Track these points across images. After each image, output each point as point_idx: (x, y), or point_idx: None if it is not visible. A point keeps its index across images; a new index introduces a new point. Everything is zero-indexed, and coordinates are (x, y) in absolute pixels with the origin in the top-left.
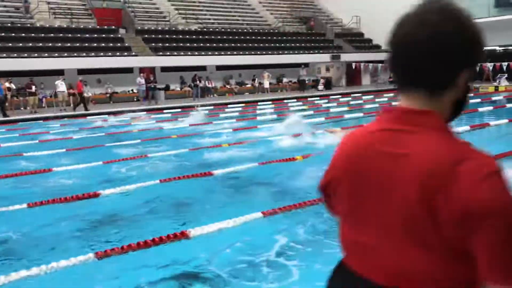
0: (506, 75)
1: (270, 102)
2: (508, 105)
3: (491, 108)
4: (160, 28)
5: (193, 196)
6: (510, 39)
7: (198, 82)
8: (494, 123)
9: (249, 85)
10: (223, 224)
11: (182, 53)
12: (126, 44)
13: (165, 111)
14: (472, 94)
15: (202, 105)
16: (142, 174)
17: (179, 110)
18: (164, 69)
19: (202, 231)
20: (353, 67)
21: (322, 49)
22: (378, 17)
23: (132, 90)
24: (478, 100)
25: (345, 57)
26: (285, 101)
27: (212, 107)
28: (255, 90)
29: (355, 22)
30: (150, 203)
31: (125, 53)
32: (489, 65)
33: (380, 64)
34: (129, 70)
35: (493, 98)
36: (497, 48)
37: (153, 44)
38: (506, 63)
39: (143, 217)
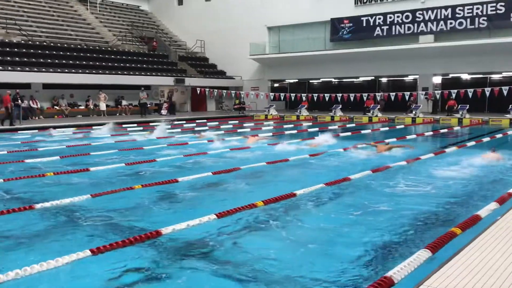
0: (340, 106)
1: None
2: (342, 134)
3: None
4: None
5: (10, 234)
6: (343, 71)
7: (20, 101)
8: (332, 151)
9: (82, 107)
10: (44, 266)
11: (0, 68)
12: None
13: None
14: (311, 123)
15: (24, 129)
16: None
17: None
18: None
19: (16, 275)
20: (198, 92)
21: (165, 71)
22: (222, 43)
23: None
24: (317, 128)
25: (190, 81)
26: (124, 125)
27: (36, 131)
28: (90, 113)
29: (199, 46)
30: None
31: None
32: (326, 96)
33: (225, 91)
34: None
35: (330, 127)
36: (333, 80)
37: None
38: (340, 94)
39: None
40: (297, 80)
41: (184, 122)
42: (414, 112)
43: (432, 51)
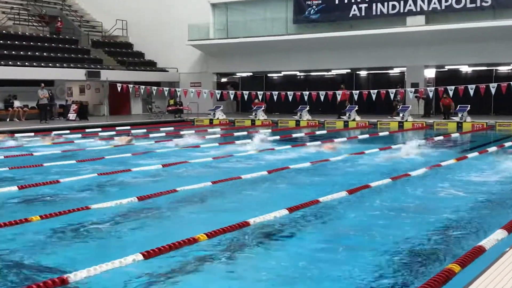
0: (307, 107)
1: None
2: (309, 144)
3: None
4: None
5: None
6: (311, 63)
7: None
8: (294, 166)
9: None
10: None
11: None
12: None
13: None
14: (270, 129)
15: None
16: None
17: None
18: None
19: None
20: (119, 89)
21: (74, 61)
22: (151, 25)
23: None
24: (277, 137)
25: (108, 74)
26: (17, 134)
27: None
28: None
29: (121, 28)
30: None
31: None
32: (289, 94)
33: (156, 87)
34: None
35: (294, 135)
36: (298, 73)
37: None
38: (307, 92)
39: None
40: (251, 74)
41: (100, 130)
42: (401, 115)
43: (423, 37)
